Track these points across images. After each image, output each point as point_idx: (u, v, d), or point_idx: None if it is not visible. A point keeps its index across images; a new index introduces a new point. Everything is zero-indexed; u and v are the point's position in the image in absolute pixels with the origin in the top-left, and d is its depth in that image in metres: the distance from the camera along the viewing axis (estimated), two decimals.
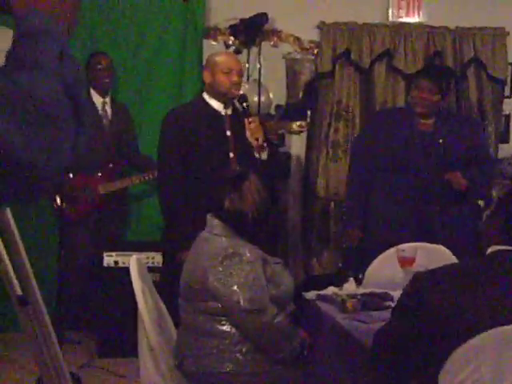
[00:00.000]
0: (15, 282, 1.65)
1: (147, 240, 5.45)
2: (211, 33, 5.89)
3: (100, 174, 5.28)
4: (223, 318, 3.05)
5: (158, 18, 5.70)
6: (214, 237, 3.13)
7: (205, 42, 5.81)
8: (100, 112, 5.34)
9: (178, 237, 4.13)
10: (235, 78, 4.24)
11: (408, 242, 3.86)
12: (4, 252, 1.67)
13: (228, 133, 4.26)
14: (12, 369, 4.71)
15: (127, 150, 5.45)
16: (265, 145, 4.18)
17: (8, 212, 1.65)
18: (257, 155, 4.15)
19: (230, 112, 4.34)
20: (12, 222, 1.66)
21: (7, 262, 1.67)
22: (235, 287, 2.98)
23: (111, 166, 5.33)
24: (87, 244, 5.25)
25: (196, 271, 3.09)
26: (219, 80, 4.25)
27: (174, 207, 4.24)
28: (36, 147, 1.18)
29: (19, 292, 1.64)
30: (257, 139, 4.14)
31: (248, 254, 3.03)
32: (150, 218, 5.57)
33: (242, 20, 5.69)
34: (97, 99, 5.34)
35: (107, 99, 5.39)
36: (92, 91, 5.34)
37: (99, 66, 5.32)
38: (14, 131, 1.15)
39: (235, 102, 4.36)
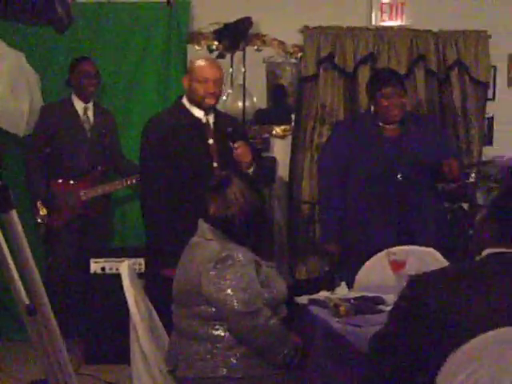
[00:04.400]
0: (22, 290, 1.63)
1: (133, 245, 5.42)
2: (195, 38, 5.89)
3: (82, 180, 5.24)
4: (217, 323, 3.04)
5: (143, 22, 5.69)
6: (206, 242, 3.13)
7: (189, 47, 5.81)
8: (81, 117, 5.29)
9: (162, 252, 4.06)
10: (210, 89, 4.13)
11: (390, 245, 3.85)
12: (10, 258, 1.64)
13: (210, 141, 4.16)
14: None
15: (110, 154, 5.41)
16: (252, 163, 4.13)
17: (15, 215, 1.63)
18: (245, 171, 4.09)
19: (211, 119, 4.24)
20: (19, 225, 1.64)
21: (13, 268, 1.65)
22: (229, 290, 2.97)
23: (94, 171, 5.29)
24: (72, 251, 5.21)
25: (189, 276, 3.08)
26: (194, 88, 4.15)
27: (157, 220, 4.13)
28: None
29: (26, 300, 1.62)
30: (246, 163, 4.08)
31: (241, 257, 3.03)
32: (134, 223, 5.54)
33: (226, 24, 5.69)
34: (78, 104, 5.30)
35: (89, 104, 5.34)
36: (73, 95, 5.31)
37: (85, 72, 5.27)
38: None
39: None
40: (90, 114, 5.34)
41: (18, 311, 1.79)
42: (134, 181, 5.22)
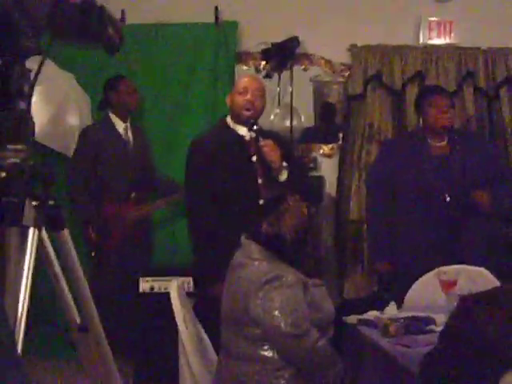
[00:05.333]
0: (74, 309, 1.64)
1: (182, 264, 5.42)
2: (243, 57, 5.93)
3: (128, 202, 5.25)
4: (265, 343, 3.03)
5: (191, 43, 5.75)
6: (253, 261, 3.12)
7: (237, 67, 5.85)
8: (124, 137, 5.30)
9: (209, 270, 4.05)
10: (249, 96, 4.12)
11: (438, 266, 3.82)
12: (62, 276, 1.66)
13: (254, 158, 4.14)
14: None
15: (150, 173, 5.43)
16: (284, 164, 4.07)
17: (67, 234, 1.64)
18: (277, 177, 4.06)
19: (254, 135, 4.19)
20: (71, 244, 1.66)
21: (65, 287, 1.66)
22: (276, 312, 2.96)
23: (138, 191, 5.29)
24: (121, 272, 5.22)
25: (236, 297, 3.07)
26: (235, 100, 4.15)
27: (204, 239, 4.12)
28: None
29: (78, 319, 1.63)
30: (273, 161, 4.04)
31: (288, 278, 3.02)
32: (183, 242, 5.54)
33: (273, 44, 5.71)
34: (118, 124, 5.30)
35: (128, 124, 5.35)
36: (111, 115, 5.30)
37: (126, 90, 5.29)
38: None
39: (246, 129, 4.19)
40: (130, 134, 5.35)
41: (68, 330, 1.80)
42: (176, 199, 5.23)
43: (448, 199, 4.52)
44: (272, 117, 5.80)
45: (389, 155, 4.80)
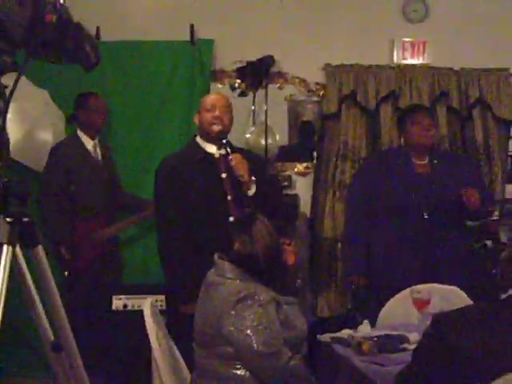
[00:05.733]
0: (48, 326, 1.63)
1: (155, 282, 5.40)
2: (218, 76, 5.95)
3: (100, 219, 5.20)
4: (238, 363, 3.02)
5: (166, 61, 5.75)
6: (226, 280, 3.10)
7: (212, 85, 5.85)
8: (93, 155, 5.25)
9: (180, 289, 4.05)
10: (216, 113, 4.15)
11: (414, 284, 3.84)
12: (36, 295, 1.65)
13: (223, 175, 4.15)
14: None
15: (118, 191, 5.41)
16: (252, 179, 4.08)
17: (41, 251, 1.63)
18: (246, 191, 4.06)
19: (224, 153, 4.20)
20: (45, 262, 1.65)
21: (39, 304, 1.64)
22: (248, 331, 2.95)
23: (109, 209, 5.26)
24: (94, 290, 5.18)
25: (209, 316, 3.06)
26: (203, 117, 4.18)
27: (175, 258, 4.12)
28: None
29: (51, 337, 1.62)
30: (241, 175, 4.04)
31: (261, 297, 3.01)
32: (156, 259, 5.51)
33: (248, 62, 5.73)
34: (87, 141, 5.24)
35: (96, 141, 5.29)
36: (79, 132, 5.24)
37: (95, 108, 5.24)
38: None
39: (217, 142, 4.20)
40: (99, 151, 5.30)
41: (41, 348, 1.78)
42: (144, 217, 5.22)
43: (426, 217, 4.58)
44: (247, 135, 5.81)
45: (370, 171, 4.86)
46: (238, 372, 3.03)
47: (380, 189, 4.68)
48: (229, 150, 4.11)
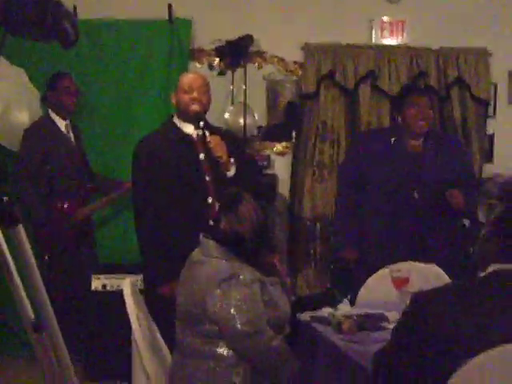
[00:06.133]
0: (29, 306, 1.61)
1: (134, 262, 5.38)
2: (196, 55, 5.92)
3: (76, 199, 5.18)
4: (220, 341, 3.03)
5: (144, 40, 5.73)
6: (211, 259, 3.11)
7: (190, 64, 5.83)
8: (66, 135, 5.22)
9: (158, 269, 4.01)
10: (194, 94, 4.09)
11: (403, 260, 3.86)
12: (16, 273, 1.63)
13: (201, 156, 4.10)
14: None
15: (90, 171, 5.41)
16: (231, 161, 4.04)
17: (21, 230, 1.61)
18: (224, 172, 4.03)
19: (201, 133, 4.11)
20: (26, 241, 1.63)
21: (19, 284, 1.63)
22: (232, 310, 2.96)
23: (84, 189, 5.25)
24: (71, 269, 5.16)
25: (194, 295, 3.07)
26: (180, 99, 4.12)
27: (150, 237, 4.08)
28: None
29: (32, 317, 1.61)
30: (220, 157, 4.00)
31: (246, 276, 3.02)
32: (135, 239, 5.50)
33: (227, 42, 5.71)
34: (59, 122, 5.20)
35: (68, 121, 5.25)
36: (51, 113, 5.20)
37: (65, 89, 5.17)
38: None
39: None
40: (71, 131, 5.27)
41: (22, 327, 1.77)
42: (117, 196, 5.24)
43: (416, 196, 4.59)
44: (226, 115, 5.79)
45: (361, 148, 4.84)
46: (221, 350, 3.04)
47: (370, 165, 4.66)
48: (207, 132, 4.06)
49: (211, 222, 3.57)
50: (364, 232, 4.72)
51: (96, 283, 4.96)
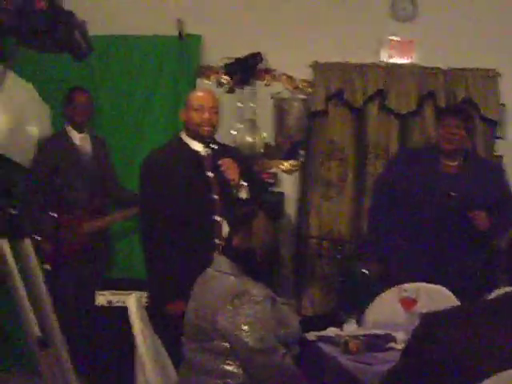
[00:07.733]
0: (34, 321, 1.59)
1: (140, 277, 5.35)
2: (205, 72, 5.92)
3: (84, 213, 5.18)
4: (229, 358, 3.01)
5: (154, 56, 5.74)
6: (222, 275, 3.11)
7: (198, 81, 5.83)
8: (79, 149, 5.25)
9: (164, 288, 4.01)
10: (206, 115, 4.10)
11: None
12: (23, 288, 1.60)
13: (209, 174, 4.10)
14: None
15: (110, 184, 5.39)
16: (243, 183, 4.05)
17: (29, 243, 1.59)
18: (236, 195, 4.03)
19: (210, 152, 4.15)
20: (33, 254, 1.61)
21: (25, 298, 1.60)
22: (244, 327, 2.94)
23: (94, 202, 5.24)
24: (76, 285, 5.14)
25: (204, 310, 3.05)
26: (190, 117, 4.12)
27: (158, 254, 4.06)
28: None
29: (38, 333, 1.58)
30: (233, 179, 4.01)
31: (257, 293, 3.01)
32: (141, 255, 5.48)
33: (237, 59, 5.71)
34: (74, 135, 5.26)
35: (85, 135, 5.30)
36: (68, 127, 5.26)
37: (77, 103, 5.25)
38: None
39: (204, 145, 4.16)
40: (87, 144, 5.30)
41: (27, 343, 1.74)
42: (134, 211, 5.19)
43: (446, 218, 4.57)
44: (233, 132, 5.78)
45: (398, 164, 4.89)
46: (229, 368, 3.02)
47: (405, 183, 4.67)
48: (217, 153, 4.05)
49: (217, 241, 3.57)
50: (390, 247, 4.71)
51: (100, 299, 4.93)
